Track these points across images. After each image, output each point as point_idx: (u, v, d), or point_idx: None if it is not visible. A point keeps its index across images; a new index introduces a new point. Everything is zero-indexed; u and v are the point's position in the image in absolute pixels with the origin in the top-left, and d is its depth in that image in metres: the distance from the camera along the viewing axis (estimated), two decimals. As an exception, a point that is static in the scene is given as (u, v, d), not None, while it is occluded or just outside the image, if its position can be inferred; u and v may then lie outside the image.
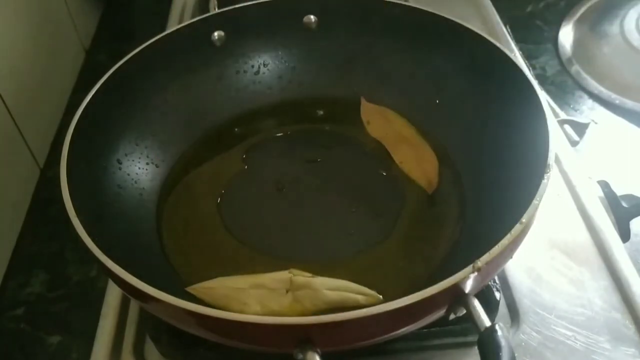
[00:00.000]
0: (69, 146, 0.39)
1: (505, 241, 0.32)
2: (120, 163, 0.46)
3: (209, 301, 0.38)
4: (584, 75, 0.69)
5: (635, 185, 0.54)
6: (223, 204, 0.47)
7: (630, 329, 0.41)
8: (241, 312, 0.36)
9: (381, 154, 0.50)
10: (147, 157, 0.48)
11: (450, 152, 0.49)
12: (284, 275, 0.39)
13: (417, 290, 0.30)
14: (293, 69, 0.55)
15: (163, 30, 0.51)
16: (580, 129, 0.60)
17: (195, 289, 0.40)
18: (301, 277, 0.38)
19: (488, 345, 0.30)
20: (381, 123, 0.52)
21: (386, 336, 0.33)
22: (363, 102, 0.53)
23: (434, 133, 0.50)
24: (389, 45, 0.52)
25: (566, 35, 0.75)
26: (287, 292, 0.38)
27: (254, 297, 0.38)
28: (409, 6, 0.52)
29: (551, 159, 0.36)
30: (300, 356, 0.30)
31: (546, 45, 0.74)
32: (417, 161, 0.48)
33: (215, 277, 0.41)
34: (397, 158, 0.49)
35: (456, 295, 0.31)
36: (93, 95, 0.43)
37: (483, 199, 0.43)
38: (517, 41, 0.70)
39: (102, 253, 0.33)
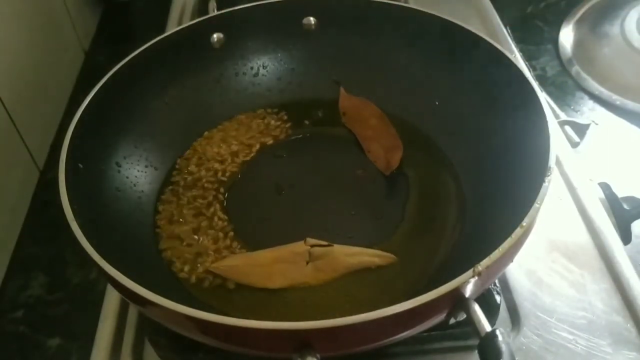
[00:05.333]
0: (67, 149, 0.39)
1: (506, 245, 0.32)
2: (119, 166, 0.46)
3: (233, 278, 0.41)
4: (585, 76, 0.69)
5: (637, 186, 0.54)
6: (223, 207, 0.47)
7: (632, 332, 0.41)
8: (265, 286, 0.40)
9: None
10: (146, 159, 0.48)
11: (450, 154, 0.48)
12: (301, 247, 0.41)
13: (417, 295, 0.29)
14: (292, 71, 0.55)
15: (162, 32, 0.51)
16: (581, 130, 0.59)
17: (218, 267, 0.42)
18: (319, 247, 0.41)
19: (489, 351, 0.29)
20: (356, 114, 0.53)
21: (386, 341, 0.33)
22: (342, 92, 0.54)
23: (434, 135, 0.50)
24: (388, 47, 0.52)
25: (566, 35, 0.74)
26: (307, 263, 0.41)
27: (277, 271, 0.41)
28: (408, 7, 0.52)
29: (552, 161, 0.36)
30: (300, 361, 0.30)
31: (546, 46, 0.74)
32: (385, 150, 0.49)
33: (215, 279, 0.41)
34: (365, 147, 0.50)
35: (456, 300, 0.31)
36: (92, 98, 0.43)
37: (483, 202, 0.43)
38: (518, 42, 0.70)
39: (101, 257, 0.33)
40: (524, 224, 0.33)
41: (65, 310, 0.50)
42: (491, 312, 0.40)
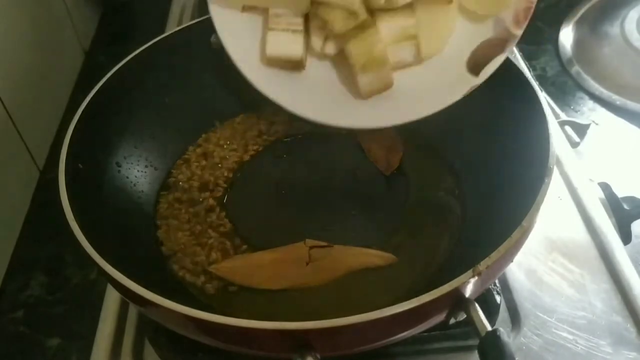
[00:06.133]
0: (67, 149, 0.39)
1: (505, 245, 0.32)
2: (120, 166, 0.46)
3: (233, 280, 0.41)
4: (585, 76, 0.69)
5: (637, 186, 0.54)
6: (223, 207, 0.47)
7: (632, 332, 0.41)
8: (266, 287, 0.40)
9: (381, 156, 0.50)
10: (146, 159, 0.48)
11: (450, 154, 0.48)
12: (300, 248, 0.41)
13: (417, 295, 0.29)
14: (292, 71, 0.55)
15: (162, 32, 0.51)
16: (581, 130, 0.59)
17: (218, 268, 0.41)
18: (319, 248, 0.41)
19: (489, 350, 0.29)
20: None
21: (386, 341, 0.33)
22: None
23: (433, 135, 0.50)
24: (388, 47, 0.52)
25: (566, 35, 0.74)
26: (307, 264, 0.40)
27: (277, 272, 0.40)
28: (408, 7, 0.51)
29: (552, 161, 0.36)
30: (300, 361, 0.30)
31: (546, 46, 0.74)
32: (385, 151, 0.49)
33: (216, 279, 0.41)
34: (365, 147, 0.50)
35: (456, 300, 0.31)
36: (92, 98, 0.43)
37: (483, 202, 0.43)
38: (518, 42, 0.69)
39: (101, 257, 0.33)
40: (524, 224, 0.33)
41: (65, 310, 0.50)
42: (491, 312, 0.40)
